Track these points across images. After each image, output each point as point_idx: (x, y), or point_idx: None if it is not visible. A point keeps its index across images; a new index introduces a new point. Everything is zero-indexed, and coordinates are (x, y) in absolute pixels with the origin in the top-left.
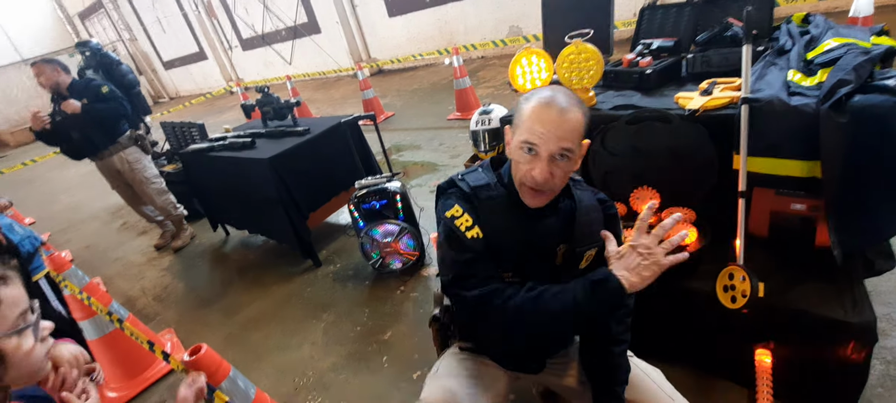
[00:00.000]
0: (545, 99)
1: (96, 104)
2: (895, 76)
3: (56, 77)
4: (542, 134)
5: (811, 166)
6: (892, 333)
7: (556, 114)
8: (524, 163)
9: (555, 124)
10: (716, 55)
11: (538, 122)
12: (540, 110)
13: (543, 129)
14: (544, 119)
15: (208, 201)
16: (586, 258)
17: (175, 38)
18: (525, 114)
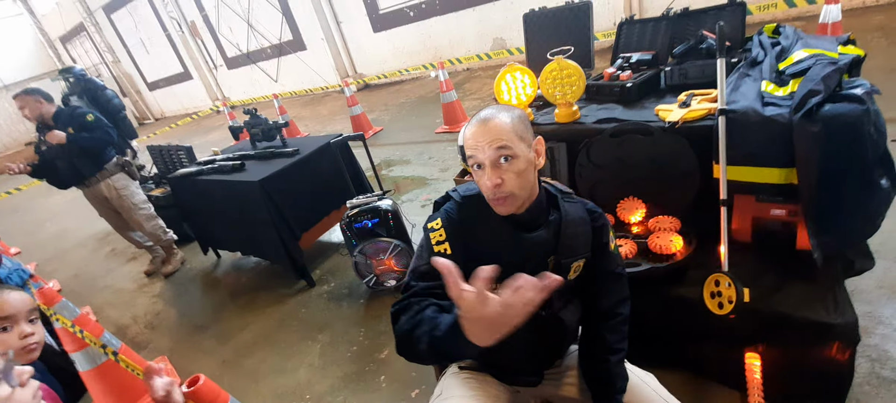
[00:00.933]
0: (474, 118)
1: (82, 134)
2: (862, 85)
3: (39, 108)
4: (476, 146)
5: (788, 173)
6: (875, 331)
7: (482, 124)
8: (480, 181)
9: (482, 133)
10: (692, 67)
11: (472, 138)
12: (472, 129)
13: (475, 142)
14: (475, 133)
15: (199, 225)
16: (574, 269)
17: (159, 58)
18: (466, 138)
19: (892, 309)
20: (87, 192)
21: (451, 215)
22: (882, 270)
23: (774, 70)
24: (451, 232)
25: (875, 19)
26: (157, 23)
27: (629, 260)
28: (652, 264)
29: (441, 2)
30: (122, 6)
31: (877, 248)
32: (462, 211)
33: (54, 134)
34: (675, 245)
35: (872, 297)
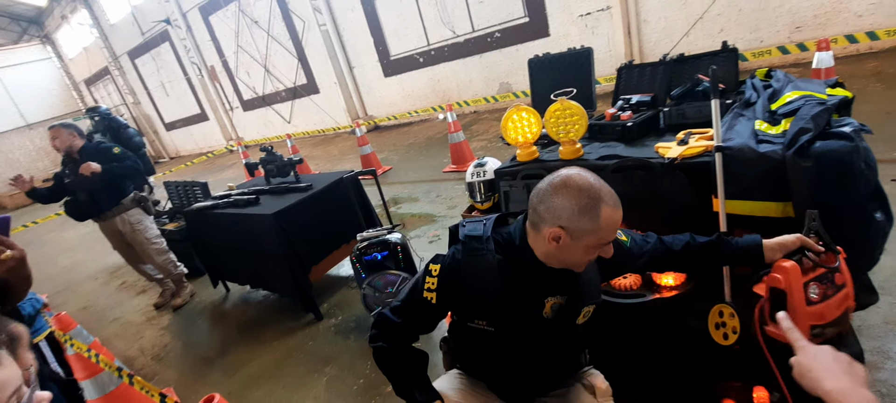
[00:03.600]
0: (613, 200)
1: (113, 164)
2: (850, 123)
3: (71, 140)
4: (613, 230)
5: (785, 206)
6: (884, 366)
7: (619, 217)
8: (580, 257)
9: (618, 221)
10: (690, 108)
11: (613, 223)
12: (616, 213)
13: (614, 227)
14: (617, 219)
15: (210, 258)
16: (584, 314)
17: (178, 100)
18: (608, 219)
19: None
20: (103, 225)
21: (452, 264)
22: (888, 306)
23: (767, 110)
24: (445, 283)
25: (869, 65)
26: (179, 67)
27: (634, 292)
28: (657, 295)
29: (449, 49)
30: (147, 51)
31: (881, 284)
32: (465, 257)
33: (89, 165)
34: (678, 277)
35: (880, 333)
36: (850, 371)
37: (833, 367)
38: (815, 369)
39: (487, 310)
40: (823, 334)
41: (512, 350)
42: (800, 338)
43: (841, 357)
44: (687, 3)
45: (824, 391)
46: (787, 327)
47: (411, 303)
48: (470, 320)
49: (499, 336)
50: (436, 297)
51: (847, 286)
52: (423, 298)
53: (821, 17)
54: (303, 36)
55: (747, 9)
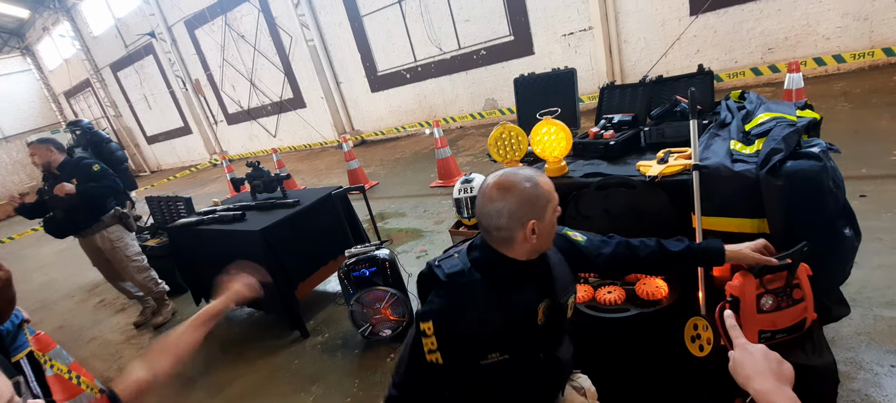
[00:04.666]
0: (535, 170)
1: (89, 184)
2: (819, 144)
3: (49, 156)
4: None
5: (759, 223)
6: (857, 376)
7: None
8: (551, 228)
9: None
10: (668, 128)
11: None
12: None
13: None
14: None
15: (194, 275)
16: (570, 306)
17: (161, 113)
18: (546, 188)
19: (871, 354)
20: (83, 242)
21: (443, 313)
22: (860, 317)
23: (741, 131)
24: (445, 336)
25: (837, 86)
26: (162, 80)
27: (618, 306)
28: (640, 309)
29: (436, 65)
30: (130, 64)
31: (853, 297)
32: (451, 297)
33: (63, 186)
34: (660, 291)
35: (852, 344)
36: (778, 369)
37: (762, 366)
38: (746, 366)
39: (497, 340)
40: (774, 338)
41: (527, 370)
42: (739, 336)
43: (771, 356)
44: (665, 25)
45: (753, 390)
46: (729, 325)
47: (417, 376)
48: (483, 358)
49: (514, 362)
50: (441, 356)
51: (806, 300)
52: (428, 364)
53: (791, 40)
54: (290, 51)
55: (722, 31)
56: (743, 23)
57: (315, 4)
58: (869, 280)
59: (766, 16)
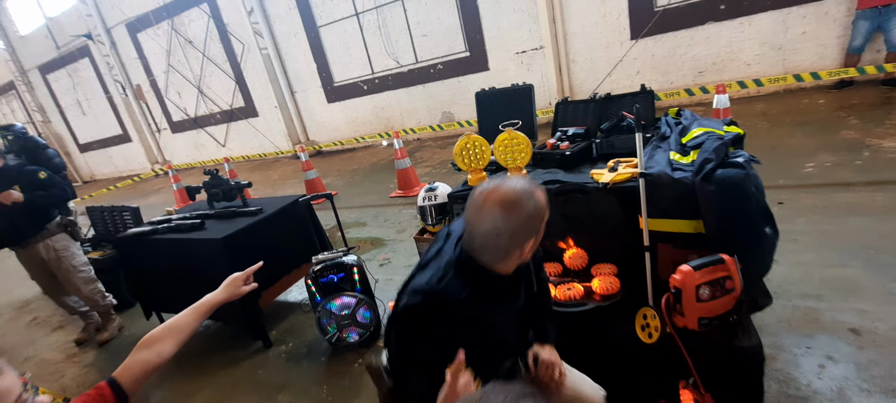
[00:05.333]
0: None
1: (38, 192)
2: (743, 155)
3: None
4: None
5: (696, 224)
6: (779, 357)
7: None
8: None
9: None
10: (617, 140)
11: None
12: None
13: None
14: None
15: (145, 287)
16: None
17: (96, 120)
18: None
19: (791, 339)
20: (22, 253)
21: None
22: (781, 308)
23: (679, 143)
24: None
25: (758, 107)
26: (99, 85)
27: (577, 301)
28: (595, 304)
29: (393, 78)
30: (62, 67)
31: (775, 290)
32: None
33: (10, 194)
34: (614, 286)
35: (776, 330)
36: None
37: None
38: None
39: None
40: (711, 325)
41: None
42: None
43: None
44: (609, 47)
45: None
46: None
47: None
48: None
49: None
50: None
51: (736, 290)
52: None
53: (718, 64)
54: (242, 58)
55: (659, 55)
56: (677, 48)
57: (270, 13)
58: (788, 275)
59: (696, 43)
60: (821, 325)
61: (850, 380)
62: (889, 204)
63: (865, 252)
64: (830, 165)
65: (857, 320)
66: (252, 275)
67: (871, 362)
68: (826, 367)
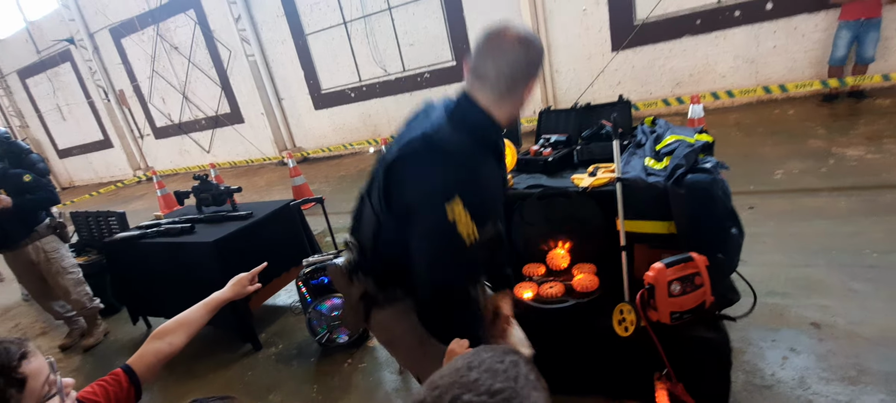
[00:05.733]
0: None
1: (25, 196)
2: (711, 161)
3: None
4: None
5: (668, 225)
6: (747, 351)
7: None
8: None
9: None
10: (596, 147)
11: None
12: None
13: None
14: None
15: (132, 291)
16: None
17: (76, 125)
18: (539, 61)
19: (757, 333)
20: (10, 256)
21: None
22: (748, 304)
23: (653, 150)
24: (472, 206)
25: (732, 117)
26: (80, 89)
27: (558, 298)
28: (576, 300)
29: (381, 86)
30: (42, 71)
31: (744, 288)
32: (462, 166)
33: (1, 198)
34: (593, 283)
35: (743, 325)
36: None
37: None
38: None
39: (494, 204)
40: (682, 318)
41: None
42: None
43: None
44: (591, 59)
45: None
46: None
47: (459, 259)
48: (483, 228)
49: (497, 235)
50: (476, 229)
51: (705, 286)
52: (468, 248)
53: (695, 76)
54: (228, 65)
55: (639, 66)
56: (655, 60)
57: (257, 20)
58: (755, 274)
59: (674, 55)
60: (785, 320)
61: (810, 370)
62: (851, 209)
63: (828, 252)
64: (798, 172)
65: (819, 315)
66: (256, 276)
67: (829, 352)
68: (789, 358)
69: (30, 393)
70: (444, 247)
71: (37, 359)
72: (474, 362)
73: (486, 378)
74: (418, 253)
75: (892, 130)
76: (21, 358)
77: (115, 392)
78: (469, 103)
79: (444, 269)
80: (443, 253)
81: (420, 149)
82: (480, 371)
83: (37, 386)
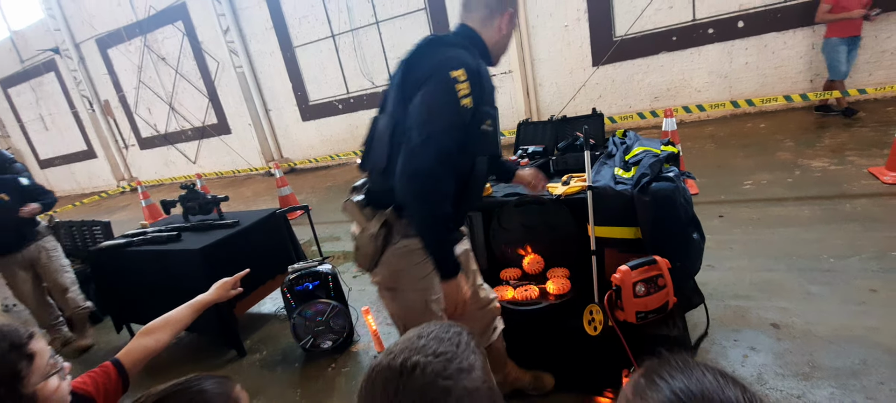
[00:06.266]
0: None
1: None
2: (674, 170)
3: None
4: None
5: (635, 231)
6: (711, 350)
7: None
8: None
9: None
10: (571, 157)
11: None
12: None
13: None
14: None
15: (117, 300)
16: None
17: (59, 135)
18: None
19: (722, 334)
20: (12, 259)
21: (467, 62)
22: (714, 307)
23: (622, 160)
24: (472, 81)
25: (707, 130)
26: (64, 99)
27: (533, 301)
28: (549, 303)
29: (368, 98)
30: (25, 81)
31: (710, 292)
32: (469, 55)
33: (33, 207)
34: (566, 286)
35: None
36: None
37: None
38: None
39: (491, 101)
40: (647, 318)
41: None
42: None
43: None
44: (573, 73)
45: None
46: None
47: (454, 121)
48: (483, 122)
49: (494, 132)
50: (471, 100)
51: (667, 287)
52: (460, 109)
53: (672, 90)
54: (216, 76)
55: (618, 80)
56: (634, 75)
57: (246, 32)
58: (722, 279)
59: (652, 70)
60: (747, 321)
61: (767, 367)
62: (813, 217)
63: (790, 258)
64: (766, 182)
65: (778, 316)
66: (239, 281)
67: (786, 351)
68: (749, 356)
69: (36, 369)
70: (440, 107)
71: (40, 340)
72: (424, 332)
73: (432, 344)
74: (415, 119)
75: (854, 143)
76: (29, 337)
77: (104, 382)
78: (463, 27)
79: (435, 136)
80: (439, 112)
81: (434, 41)
82: (428, 338)
83: (42, 364)
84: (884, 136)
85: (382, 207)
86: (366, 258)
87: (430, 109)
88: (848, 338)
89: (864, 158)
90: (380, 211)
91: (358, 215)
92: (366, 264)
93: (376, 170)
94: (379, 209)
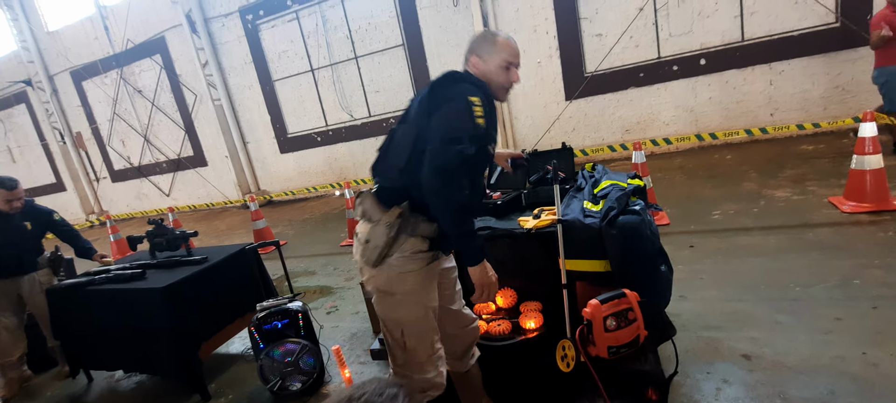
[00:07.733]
0: (510, 39)
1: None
2: (640, 204)
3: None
4: (518, 55)
5: (605, 264)
6: (685, 383)
7: (516, 44)
8: (505, 75)
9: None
10: (542, 191)
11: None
12: (512, 43)
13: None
14: (516, 48)
15: (74, 342)
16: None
17: (27, 168)
18: (501, 46)
19: (694, 367)
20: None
21: (482, 97)
22: (686, 339)
23: (591, 193)
24: (486, 108)
25: (676, 161)
26: (34, 131)
27: (506, 336)
28: (522, 337)
29: (347, 130)
30: None
31: (683, 324)
32: (485, 93)
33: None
34: (538, 321)
35: (682, 359)
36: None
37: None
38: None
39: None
40: (619, 352)
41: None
42: None
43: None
44: (547, 107)
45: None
46: None
47: (471, 132)
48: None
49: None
50: (484, 121)
51: (638, 321)
52: (476, 125)
53: (642, 123)
54: (193, 109)
55: (591, 114)
56: (606, 109)
57: (224, 66)
58: (694, 309)
59: (622, 105)
60: (719, 353)
61: (740, 399)
62: (779, 246)
63: (757, 287)
64: (733, 213)
65: (749, 347)
66: None
67: (758, 382)
68: (722, 389)
69: None
70: (460, 119)
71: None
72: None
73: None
74: (440, 126)
75: (814, 173)
76: None
77: None
78: (466, 71)
79: (454, 143)
80: (458, 124)
81: (456, 75)
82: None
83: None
84: (840, 167)
85: (392, 204)
86: (375, 250)
87: (452, 120)
88: (816, 368)
89: (824, 188)
90: (394, 206)
91: (375, 207)
92: (373, 258)
93: (395, 168)
94: (388, 206)
